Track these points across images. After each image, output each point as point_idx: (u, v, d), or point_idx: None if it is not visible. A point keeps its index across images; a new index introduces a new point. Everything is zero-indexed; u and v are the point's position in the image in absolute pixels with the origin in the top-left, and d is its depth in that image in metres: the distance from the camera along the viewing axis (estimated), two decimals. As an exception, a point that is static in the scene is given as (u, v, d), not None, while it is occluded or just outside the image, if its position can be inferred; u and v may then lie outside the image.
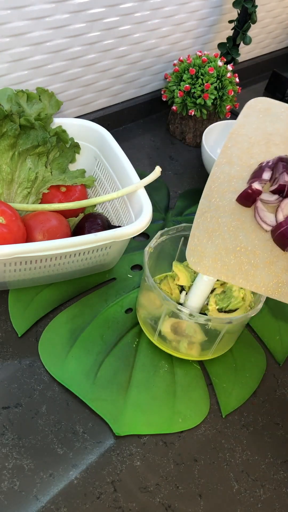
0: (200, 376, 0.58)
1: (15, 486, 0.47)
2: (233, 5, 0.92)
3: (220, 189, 0.51)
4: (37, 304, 0.61)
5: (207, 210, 0.50)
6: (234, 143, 0.53)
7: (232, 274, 0.48)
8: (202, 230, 0.49)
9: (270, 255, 0.49)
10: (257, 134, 0.54)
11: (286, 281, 0.48)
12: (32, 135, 0.63)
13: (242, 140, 0.53)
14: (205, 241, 0.49)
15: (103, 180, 0.71)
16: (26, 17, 0.68)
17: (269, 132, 0.54)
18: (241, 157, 0.52)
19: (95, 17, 0.76)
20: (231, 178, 0.51)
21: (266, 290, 0.48)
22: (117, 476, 0.49)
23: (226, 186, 0.51)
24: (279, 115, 0.54)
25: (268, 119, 0.54)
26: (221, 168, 0.52)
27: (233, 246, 0.49)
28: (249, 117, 0.54)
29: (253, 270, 0.48)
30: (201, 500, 0.49)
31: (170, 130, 0.98)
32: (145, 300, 0.58)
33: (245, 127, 0.54)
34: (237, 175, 0.51)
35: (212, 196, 0.51)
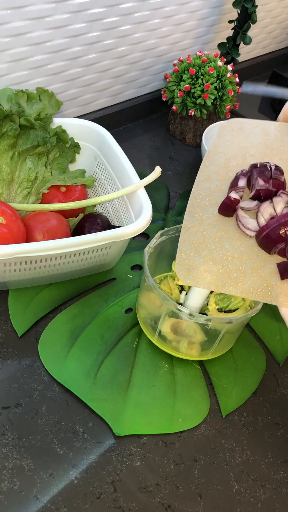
0: (200, 376, 0.58)
1: (15, 486, 0.47)
2: (233, 5, 0.92)
3: (201, 204, 0.53)
4: (37, 304, 0.61)
5: (192, 226, 0.52)
6: (211, 161, 0.55)
7: (221, 283, 0.49)
8: (188, 244, 0.51)
9: (257, 260, 0.50)
10: (232, 149, 0.56)
11: (275, 284, 0.48)
12: (32, 135, 0.63)
13: (219, 158, 0.55)
14: (192, 254, 0.50)
15: (103, 180, 0.71)
16: (26, 17, 0.68)
17: (243, 146, 0.56)
18: (219, 172, 0.54)
19: (95, 17, 0.76)
20: (211, 192, 0.53)
21: (256, 294, 0.49)
22: (117, 476, 0.49)
23: (207, 200, 0.53)
24: (252, 130, 0.56)
25: (241, 136, 0.56)
26: (201, 185, 0.54)
27: (220, 255, 0.50)
28: (223, 137, 0.57)
29: (241, 276, 0.49)
30: (201, 500, 0.49)
31: (170, 130, 0.98)
32: (145, 300, 0.58)
33: (220, 146, 0.56)
34: (217, 189, 0.53)
35: (195, 211, 0.52)
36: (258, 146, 0.55)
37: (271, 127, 0.56)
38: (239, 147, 0.56)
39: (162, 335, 0.57)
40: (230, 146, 0.56)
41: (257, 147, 0.55)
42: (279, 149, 0.55)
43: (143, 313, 0.60)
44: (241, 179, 0.52)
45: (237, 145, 0.56)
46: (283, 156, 0.54)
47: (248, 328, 0.64)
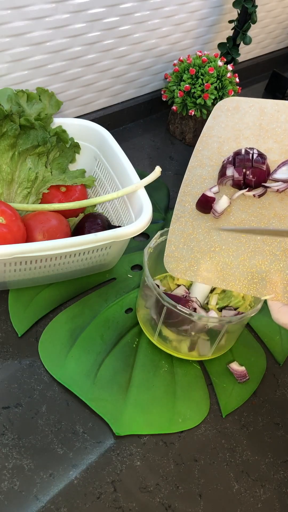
0: (200, 376, 0.58)
1: (15, 486, 0.47)
2: (233, 5, 0.92)
3: (192, 192, 0.52)
4: (37, 304, 0.61)
5: (182, 215, 0.52)
6: (204, 145, 0.54)
7: (208, 275, 0.50)
8: (178, 235, 0.51)
9: (244, 251, 0.50)
10: (226, 132, 0.54)
11: (260, 276, 0.48)
12: (32, 135, 0.63)
13: (212, 141, 0.54)
14: (181, 246, 0.50)
15: (103, 180, 0.71)
16: (26, 17, 0.68)
17: (238, 128, 0.54)
18: (212, 157, 0.53)
19: (95, 17, 0.76)
20: (202, 180, 0.53)
21: (241, 287, 0.49)
22: (117, 476, 0.49)
23: (198, 188, 0.52)
24: (247, 110, 0.55)
25: (237, 116, 0.55)
26: (193, 172, 0.53)
27: (208, 247, 0.50)
28: (218, 118, 0.55)
29: (227, 268, 0.49)
30: (201, 500, 0.49)
31: (170, 130, 0.98)
32: (145, 300, 0.58)
33: (214, 129, 0.55)
34: (209, 176, 0.53)
35: (185, 200, 0.52)
36: (253, 127, 0.54)
37: (267, 105, 0.54)
38: (233, 129, 0.54)
39: (163, 335, 0.57)
40: (225, 129, 0.54)
41: (252, 128, 0.54)
42: (274, 130, 0.54)
43: (143, 313, 0.60)
44: (228, 168, 0.51)
45: (232, 127, 0.54)
46: (277, 138, 0.53)
47: (248, 328, 0.64)
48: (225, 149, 0.54)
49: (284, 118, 0.53)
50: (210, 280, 0.49)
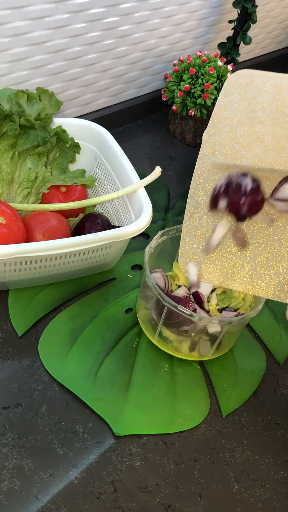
0: (200, 376, 0.58)
1: (15, 486, 0.47)
2: (233, 5, 0.92)
3: (205, 185, 0.49)
4: (37, 304, 0.61)
5: (195, 211, 0.49)
6: (216, 129, 0.50)
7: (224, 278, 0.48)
8: (192, 234, 0.48)
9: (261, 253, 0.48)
10: (239, 113, 0.50)
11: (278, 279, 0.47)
12: (32, 135, 0.63)
13: (224, 124, 0.50)
14: (196, 246, 0.48)
15: (103, 180, 0.71)
16: (26, 17, 0.68)
17: (252, 109, 0.49)
18: (225, 144, 0.49)
19: (95, 17, 0.76)
20: (216, 170, 0.49)
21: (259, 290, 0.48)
22: (117, 476, 0.49)
23: (211, 180, 0.49)
24: (262, 86, 0.49)
25: (250, 94, 0.50)
26: (205, 160, 0.49)
27: (224, 247, 0.48)
28: (230, 96, 0.50)
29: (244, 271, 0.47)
30: (201, 500, 0.49)
31: (170, 130, 0.98)
32: (146, 300, 0.58)
33: (226, 109, 0.50)
34: (222, 166, 0.49)
35: (198, 194, 0.49)
36: (268, 109, 0.49)
37: (284, 81, 0.48)
38: (247, 110, 0.49)
39: (164, 336, 0.57)
40: (238, 109, 0.49)
41: (267, 110, 0.49)
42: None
43: (143, 313, 0.60)
44: (221, 199, 0.49)
45: (245, 108, 0.49)
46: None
47: (248, 328, 0.64)
48: (239, 134, 0.49)
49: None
50: (226, 283, 0.48)
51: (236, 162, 0.49)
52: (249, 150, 0.49)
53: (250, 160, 0.48)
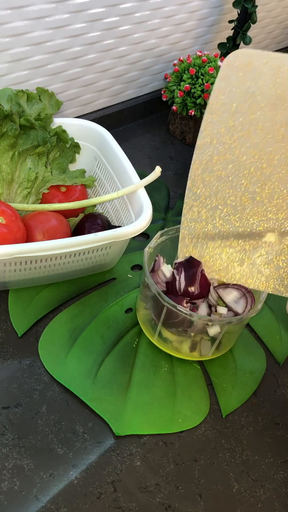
0: (200, 376, 0.58)
1: (15, 486, 0.47)
2: (233, 5, 0.92)
3: (204, 176, 0.47)
4: (37, 304, 0.61)
5: (194, 204, 0.48)
6: (214, 115, 0.48)
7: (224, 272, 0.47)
8: (192, 227, 0.47)
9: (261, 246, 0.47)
10: (239, 98, 0.47)
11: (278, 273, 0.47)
12: (32, 135, 0.63)
13: (222, 111, 0.47)
14: (196, 239, 0.47)
15: (103, 180, 0.71)
16: (26, 17, 0.68)
17: (251, 94, 0.47)
18: (222, 132, 0.47)
19: (95, 17, 0.76)
20: (214, 161, 0.47)
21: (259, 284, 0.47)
22: (117, 476, 0.49)
23: (209, 171, 0.47)
24: (261, 68, 0.47)
25: (249, 76, 0.47)
26: (203, 150, 0.48)
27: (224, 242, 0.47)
28: (227, 79, 0.47)
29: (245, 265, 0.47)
30: (201, 500, 0.49)
31: (170, 130, 0.98)
32: (145, 301, 0.58)
33: (224, 93, 0.47)
34: (221, 156, 0.47)
35: (197, 186, 0.47)
36: (268, 94, 0.46)
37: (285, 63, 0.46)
38: (246, 94, 0.47)
39: (163, 336, 0.57)
40: (236, 94, 0.47)
41: (267, 95, 0.46)
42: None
43: (143, 313, 0.60)
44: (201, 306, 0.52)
45: (244, 92, 0.46)
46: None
47: (248, 328, 0.64)
48: (238, 122, 0.47)
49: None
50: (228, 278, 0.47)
51: (235, 152, 0.47)
52: (248, 139, 0.47)
53: (249, 149, 0.46)
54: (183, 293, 0.54)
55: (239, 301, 0.53)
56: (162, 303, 0.52)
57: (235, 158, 0.48)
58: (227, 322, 0.53)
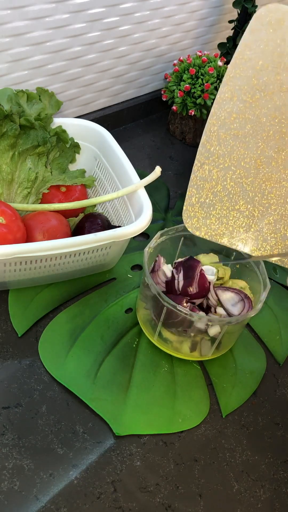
0: (200, 376, 0.58)
1: (15, 486, 0.47)
2: (233, 5, 0.92)
3: (220, 133, 0.45)
4: (37, 304, 0.61)
5: (206, 161, 0.45)
6: (237, 71, 0.46)
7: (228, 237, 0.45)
8: (200, 186, 0.45)
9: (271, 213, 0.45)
10: (265, 55, 0.45)
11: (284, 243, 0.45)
12: (32, 135, 0.63)
13: (247, 67, 0.45)
14: (203, 200, 0.45)
15: (103, 180, 0.71)
16: (26, 17, 0.68)
17: (280, 53, 0.45)
18: (245, 89, 0.45)
19: (95, 17, 0.76)
20: (232, 119, 0.45)
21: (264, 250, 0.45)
22: (117, 476, 0.49)
23: (226, 129, 0.45)
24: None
25: (279, 34, 0.45)
26: (222, 105, 0.45)
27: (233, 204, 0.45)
28: (257, 33, 0.45)
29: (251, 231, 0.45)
30: (201, 500, 0.49)
31: (170, 130, 0.98)
32: (145, 301, 0.58)
33: (251, 48, 0.45)
34: (240, 114, 0.45)
35: (211, 142, 0.45)
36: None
37: None
38: (273, 53, 0.45)
39: (163, 337, 0.57)
40: (263, 51, 0.44)
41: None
42: None
43: (143, 313, 0.60)
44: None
45: (272, 50, 0.44)
46: None
47: (248, 328, 0.64)
48: (262, 81, 0.45)
49: None
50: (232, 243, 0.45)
51: (255, 112, 0.45)
52: (270, 100, 0.45)
53: (271, 111, 0.45)
54: (181, 292, 0.54)
55: (236, 304, 0.53)
56: (162, 303, 0.52)
57: (254, 118, 0.46)
58: (227, 322, 0.53)
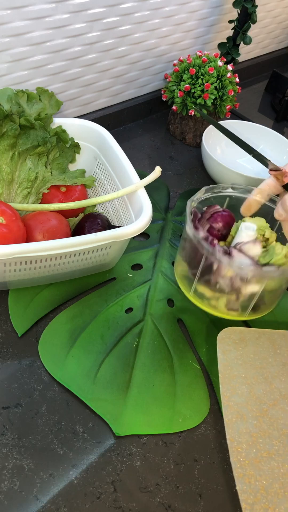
0: (200, 376, 0.58)
1: (15, 486, 0.47)
2: (233, 5, 0.92)
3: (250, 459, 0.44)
4: (37, 304, 0.61)
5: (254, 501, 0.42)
6: (232, 390, 0.49)
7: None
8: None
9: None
10: (247, 368, 0.50)
11: None
12: (32, 135, 0.63)
13: (238, 384, 0.49)
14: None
15: (103, 180, 0.71)
16: (26, 17, 0.68)
17: (259, 365, 0.50)
18: (250, 405, 0.47)
19: (95, 17, 0.76)
20: (254, 438, 0.45)
21: None
22: (117, 476, 0.49)
23: (254, 452, 0.44)
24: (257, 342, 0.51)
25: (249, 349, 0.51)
26: (234, 428, 0.46)
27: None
28: (228, 353, 0.51)
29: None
30: (201, 500, 0.49)
31: (170, 130, 0.98)
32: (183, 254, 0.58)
33: (232, 367, 0.50)
34: (259, 430, 0.45)
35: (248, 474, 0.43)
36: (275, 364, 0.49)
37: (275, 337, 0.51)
38: (253, 367, 0.49)
39: (199, 292, 0.56)
40: (243, 365, 0.49)
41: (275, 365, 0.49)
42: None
43: (180, 269, 0.59)
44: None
45: (251, 365, 0.49)
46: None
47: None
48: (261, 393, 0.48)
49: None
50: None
51: (273, 424, 0.47)
52: (278, 408, 0.48)
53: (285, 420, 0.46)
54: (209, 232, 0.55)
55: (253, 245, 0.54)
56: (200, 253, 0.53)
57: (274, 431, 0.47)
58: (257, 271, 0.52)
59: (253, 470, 0.43)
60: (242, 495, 0.42)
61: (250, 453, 0.44)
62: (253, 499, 0.42)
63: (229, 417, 0.47)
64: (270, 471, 0.43)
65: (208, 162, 0.83)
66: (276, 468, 0.44)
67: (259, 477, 0.43)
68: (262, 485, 0.43)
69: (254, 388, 0.49)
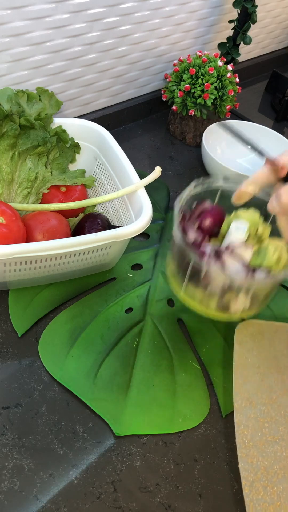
0: (200, 376, 0.58)
1: (15, 486, 0.47)
2: (233, 5, 0.92)
3: (254, 441, 0.45)
4: (37, 304, 0.61)
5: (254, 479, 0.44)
6: (244, 378, 0.50)
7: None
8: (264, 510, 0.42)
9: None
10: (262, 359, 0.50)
11: None
12: (32, 135, 0.63)
13: (252, 372, 0.50)
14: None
15: (103, 180, 0.71)
16: (26, 17, 0.68)
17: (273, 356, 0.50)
18: (259, 394, 0.48)
19: (95, 17, 0.76)
20: (261, 423, 0.46)
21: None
22: (117, 476, 0.49)
23: (260, 436, 0.45)
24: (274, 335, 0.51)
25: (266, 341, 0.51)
26: (244, 413, 0.47)
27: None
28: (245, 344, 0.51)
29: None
30: (201, 500, 0.49)
31: (170, 130, 0.98)
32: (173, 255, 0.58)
33: (247, 356, 0.51)
34: (266, 416, 0.46)
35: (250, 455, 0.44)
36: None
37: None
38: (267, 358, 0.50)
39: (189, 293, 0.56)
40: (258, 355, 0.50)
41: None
42: None
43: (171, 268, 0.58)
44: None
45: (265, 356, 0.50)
46: None
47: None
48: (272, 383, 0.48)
49: None
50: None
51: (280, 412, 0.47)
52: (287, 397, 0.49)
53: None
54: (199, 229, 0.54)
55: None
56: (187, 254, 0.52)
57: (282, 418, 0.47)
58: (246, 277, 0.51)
59: (256, 452, 0.45)
60: (243, 473, 0.44)
61: (255, 436, 0.45)
62: (253, 477, 0.43)
63: (239, 402, 0.48)
64: (273, 453, 0.45)
65: (208, 162, 0.83)
66: (279, 452, 0.45)
67: (261, 458, 0.44)
68: (263, 465, 0.44)
69: (266, 377, 0.49)
